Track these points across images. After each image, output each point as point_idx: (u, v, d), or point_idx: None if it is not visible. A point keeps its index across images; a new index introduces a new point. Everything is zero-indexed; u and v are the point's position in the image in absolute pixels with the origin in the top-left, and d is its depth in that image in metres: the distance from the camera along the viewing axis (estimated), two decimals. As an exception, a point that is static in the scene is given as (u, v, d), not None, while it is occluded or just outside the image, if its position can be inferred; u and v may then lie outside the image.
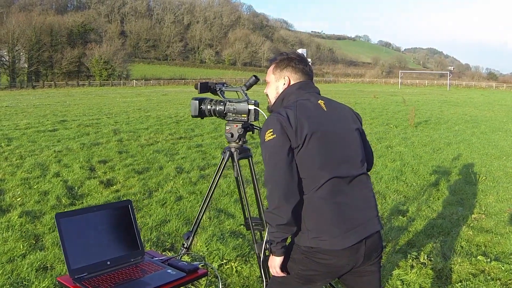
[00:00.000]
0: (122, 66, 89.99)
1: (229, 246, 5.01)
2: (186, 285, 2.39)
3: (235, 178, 3.52)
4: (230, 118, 3.22)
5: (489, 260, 4.77)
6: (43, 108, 25.58)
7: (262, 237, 3.66)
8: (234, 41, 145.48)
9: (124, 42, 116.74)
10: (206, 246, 5.07)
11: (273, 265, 2.42)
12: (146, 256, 2.58)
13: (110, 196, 7.16)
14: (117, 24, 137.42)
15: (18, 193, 7.21)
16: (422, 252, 4.97)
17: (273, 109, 2.59)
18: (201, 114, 3.32)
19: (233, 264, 4.61)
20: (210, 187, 3.43)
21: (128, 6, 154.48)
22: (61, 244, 2.28)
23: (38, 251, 4.89)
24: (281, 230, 2.29)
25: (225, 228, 5.67)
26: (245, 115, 3.16)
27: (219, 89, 3.31)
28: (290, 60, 2.56)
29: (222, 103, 3.24)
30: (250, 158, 3.42)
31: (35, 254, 4.79)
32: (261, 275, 3.26)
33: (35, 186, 7.62)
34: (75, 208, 6.46)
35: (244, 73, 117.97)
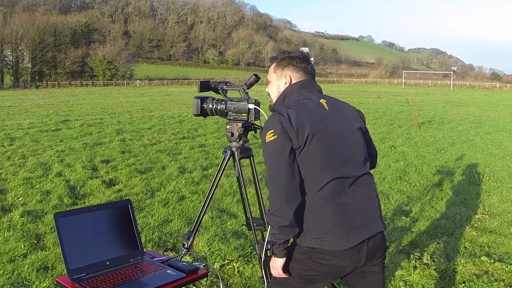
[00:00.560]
0: (125, 66, 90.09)
1: (231, 246, 4.99)
2: (186, 285, 2.37)
3: (237, 177, 3.51)
4: (231, 117, 3.21)
5: (492, 261, 4.74)
6: (46, 108, 25.62)
7: (264, 237, 3.64)
8: (238, 41, 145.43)
9: (127, 42, 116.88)
10: (208, 246, 5.05)
11: (275, 266, 2.40)
12: (146, 256, 2.55)
13: (112, 196, 7.15)
14: (120, 24, 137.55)
15: (20, 192, 7.21)
16: (425, 252, 4.94)
17: (274, 108, 2.57)
18: (203, 113, 3.31)
19: (235, 264, 4.59)
20: (211, 187, 3.41)
21: (131, 6, 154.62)
22: (59, 244, 2.26)
23: (40, 251, 4.88)
24: (283, 232, 2.28)
25: (227, 228, 5.65)
26: (245, 114, 3.15)
27: (221, 88, 3.30)
28: (292, 58, 2.53)
29: (223, 102, 3.23)
30: (251, 158, 3.40)
31: (36, 254, 4.78)
32: (262, 276, 3.24)
33: (37, 186, 7.62)
34: (77, 208, 6.45)
35: (247, 73, 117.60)
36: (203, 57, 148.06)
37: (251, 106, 3.13)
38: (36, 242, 5.20)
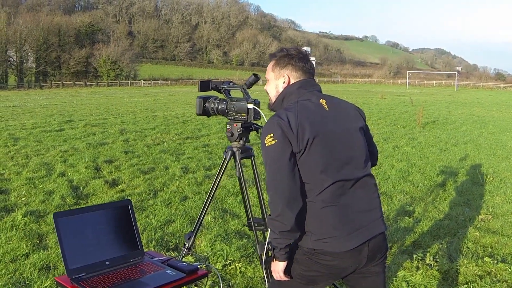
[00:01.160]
0: (129, 66, 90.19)
1: (233, 246, 4.98)
2: (186, 285, 2.36)
3: (238, 177, 3.50)
4: (231, 117, 3.21)
5: (495, 261, 4.72)
6: (50, 108, 25.68)
7: (265, 237, 3.63)
8: (242, 41, 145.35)
9: (131, 42, 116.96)
10: (210, 246, 5.05)
11: (276, 270, 2.40)
12: (145, 256, 2.55)
13: (115, 196, 7.15)
14: (124, 24, 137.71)
15: (23, 192, 7.22)
16: (428, 253, 4.92)
17: (273, 108, 2.55)
18: (205, 113, 3.32)
19: (237, 264, 4.58)
20: (212, 187, 3.41)
21: (136, 6, 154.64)
22: (59, 243, 2.25)
23: (42, 251, 4.89)
24: (284, 236, 2.27)
25: (229, 228, 5.64)
26: (244, 114, 3.15)
27: (222, 87, 3.30)
28: (290, 57, 2.50)
29: (224, 102, 3.23)
30: (252, 158, 3.39)
31: (38, 254, 4.79)
32: (264, 276, 3.24)
33: (40, 186, 7.63)
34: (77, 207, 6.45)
35: (251, 73, 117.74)
36: (207, 57, 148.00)
37: (250, 106, 3.13)
38: (38, 242, 5.21)
